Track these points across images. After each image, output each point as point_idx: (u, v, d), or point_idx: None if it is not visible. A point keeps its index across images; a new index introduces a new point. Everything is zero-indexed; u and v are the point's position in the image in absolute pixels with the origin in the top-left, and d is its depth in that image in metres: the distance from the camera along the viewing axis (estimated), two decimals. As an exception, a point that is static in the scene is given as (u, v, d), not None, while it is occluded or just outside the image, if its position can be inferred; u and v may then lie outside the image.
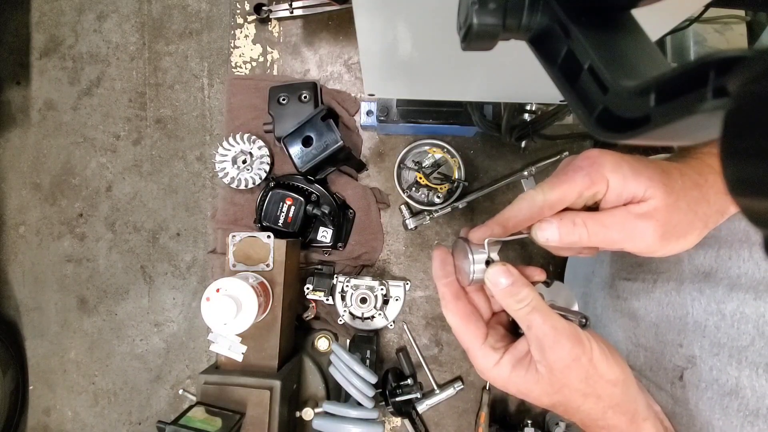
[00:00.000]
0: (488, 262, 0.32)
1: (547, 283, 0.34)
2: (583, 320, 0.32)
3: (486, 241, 0.33)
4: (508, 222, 0.32)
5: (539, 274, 0.34)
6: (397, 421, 0.75)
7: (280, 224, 0.68)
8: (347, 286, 0.71)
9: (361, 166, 0.76)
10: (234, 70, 0.80)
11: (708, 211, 0.31)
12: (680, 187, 0.30)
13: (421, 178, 0.73)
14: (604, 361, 0.30)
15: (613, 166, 0.29)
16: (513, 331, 0.36)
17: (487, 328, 0.34)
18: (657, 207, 0.29)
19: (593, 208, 0.32)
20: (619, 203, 0.30)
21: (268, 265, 0.63)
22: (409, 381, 0.69)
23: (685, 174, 0.31)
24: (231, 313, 0.53)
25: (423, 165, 0.74)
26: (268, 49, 0.80)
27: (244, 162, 0.72)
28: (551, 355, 0.30)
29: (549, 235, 0.31)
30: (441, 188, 0.73)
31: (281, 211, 0.68)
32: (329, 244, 0.73)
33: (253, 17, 0.78)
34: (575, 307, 0.34)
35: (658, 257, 0.32)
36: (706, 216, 0.31)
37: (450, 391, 0.73)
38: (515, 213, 0.31)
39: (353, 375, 0.63)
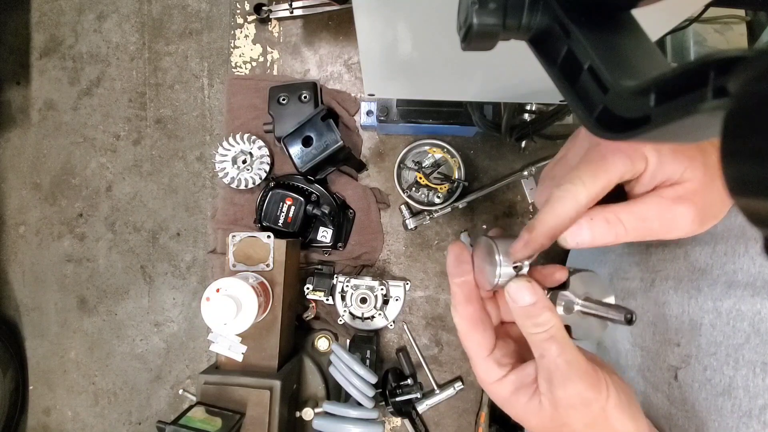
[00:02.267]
0: (516, 268, 0.29)
1: (563, 285, 0.29)
2: (629, 315, 0.27)
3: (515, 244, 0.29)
4: (556, 231, 0.27)
5: (560, 272, 0.30)
6: (397, 421, 0.75)
7: (280, 224, 0.68)
8: (347, 286, 0.71)
9: (361, 166, 0.76)
10: (234, 70, 0.80)
11: None
12: (716, 163, 0.27)
13: (421, 178, 0.73)
14: (619, 412, 0.27)
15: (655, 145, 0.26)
16: (526, 346, 0.31)
17: (497, 338, 0.31)
18: (695, 189, 0.26)
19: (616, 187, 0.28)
20: (650, 185, 0.27)
21: (268, 265, 0.63)
22: (409, 381, 0.69)
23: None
24: (231, 313, 0.53)
25: (423, 165, 0.74)
26: (268, 49, 0.80)
27: (244, 162, 0.72)
28: (559, 392, 0.27)
29: (581, 239, 0.27)
30: (441, 188, 0.73)
31: (281, 211, 0.68)
32: (329, 244, 0.73)
33: (253, 17, 0.78)
34: (611, 300, 0.29)
35: (655, 258, 0.30)
36: None
37: (450, 391, 0.73)
38: (562, 220, 0.26)
39: (353, 375, 0.63)
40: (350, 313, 0.72)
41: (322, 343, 0.74)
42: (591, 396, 0.27)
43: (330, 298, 0.72)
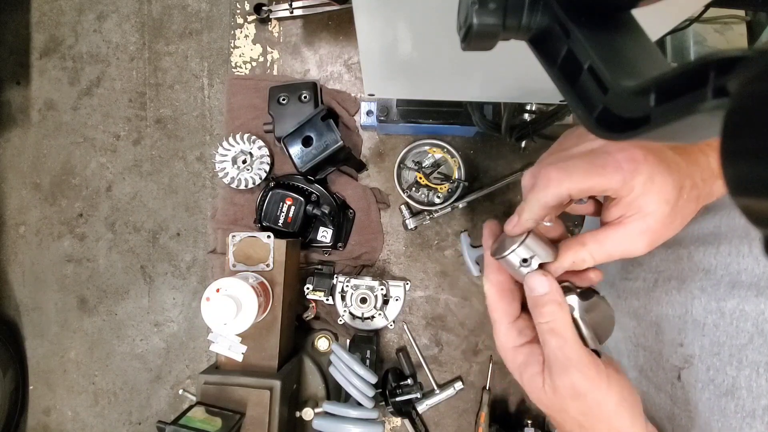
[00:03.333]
0: (525, 260, 0.32)
1: (585, 296, 0.32)
2: (598, 354, 0.30)
3: (526, 238, 0.32)
4: (540, 216, 0.31)
5: (596, 275, 0.33)
6: (397, 421, 0.75)
7: (280, 224, 0.68)
8: (347, 286, 0.71)
9: (361, 166, 0.76)
10: (234, 70, 0.80)
11: (694, 214, 0.31)
12: (683, 204, 0.29)
13: (421, 178, 0.73)
14: (618, 407, 0.29)
15: (647, 178, 0.28)
16: None
17: (523, 312, 0.34)
18: (658, 225, 0.29)
19: None
20: (623, 212, 0.29)
21: (268, 265, 0.63)
22: (409, 381, 0.69)
23: (695, 186, 0.30)
24: (231, 313, 0.53)
25: (423, 165, 0.74)
26: (268, 49, 0.80)
27: (244, 162, 0.72)
28: (557, 380, 0.29)
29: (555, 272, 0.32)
30: (441, 188, 0.73)
31: (281, 211, 0.68)
32: (329, 244, 0.73)
33: (253, 17, 0.78)
34: (610, 333, 0.32)
35: (658, 258, 0.31)
36: (690, 218, 0.31)
37: (450, 391, 0.73)
38: (543, 207, 0.30)
39: (353, 375, 0.63)
40: (350, 313, 0.72)
41: (322, 343, 0.74)
42: (586, 388, 0.29)
43: (330, 298, 0.72)
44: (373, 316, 0.72)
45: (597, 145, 0.30)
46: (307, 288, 0.71)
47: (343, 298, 0.72)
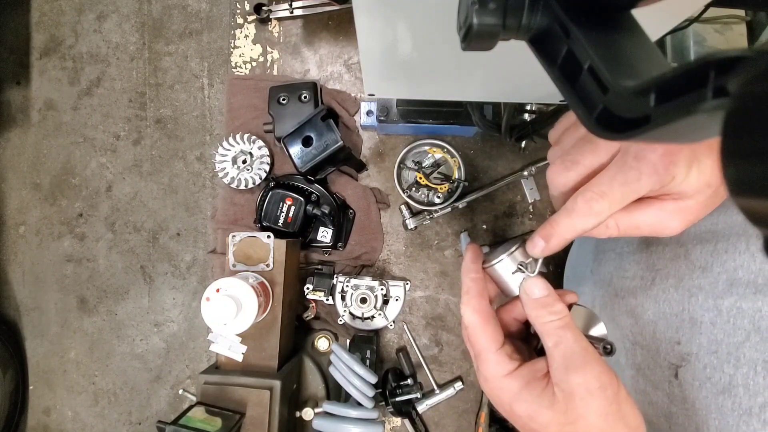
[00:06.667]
0: (520, 268, 0.32)
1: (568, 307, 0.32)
2: (608, 346, 0.30)
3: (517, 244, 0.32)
4: (570, 241, 0.30)
5: (570, 295, 0.33)
6: (397, 421, 0.75)
7: (280, 224, 0.68)
8: (347, 286, 0.71)
9: (361, 166, 0.76)
10: (234, 70, 0.80)
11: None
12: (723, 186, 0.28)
13: (421, 178, 0.73)
14: (629, 402, 0.28)
15: (687, 164, 0.27)
16: (526, 354, 0.34)
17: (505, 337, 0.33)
18: (696, 207, 0.28)
19: None
20: (659, 192, 0.28)
21: (268, 265, 0.63)
22: (409, 381, 0.69)
23: None
24: (231, 313, 0.53)
25: (423, 165, 0.74)
26: (268, 49, 0.80)
27: (244, 162, 0.72)
28: (576, 378, 0.27)
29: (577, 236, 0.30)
30: (441, 188, 0.73)
31: (281, 211, 0.68)
32: (329, 244, 0.73)
33: (253, 17, 0.78)
34: (601, 331, 0.32)
35: (655, 257, 0.31)
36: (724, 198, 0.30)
37: (450, 391, 0.73)
38: (579, 233, 0.29)
39: (353, 375, 0.63)
40: (350, 313, 0.72)
41: (322, 343, 0.74)
42: (606, 380, 0.28)
43: (330, 298, 0.72)
44: (373, 316, 0.72)
45: (616, 150, 0.28)
46: (307, 288, 0.71)
47: (343, 298, 0.72)
